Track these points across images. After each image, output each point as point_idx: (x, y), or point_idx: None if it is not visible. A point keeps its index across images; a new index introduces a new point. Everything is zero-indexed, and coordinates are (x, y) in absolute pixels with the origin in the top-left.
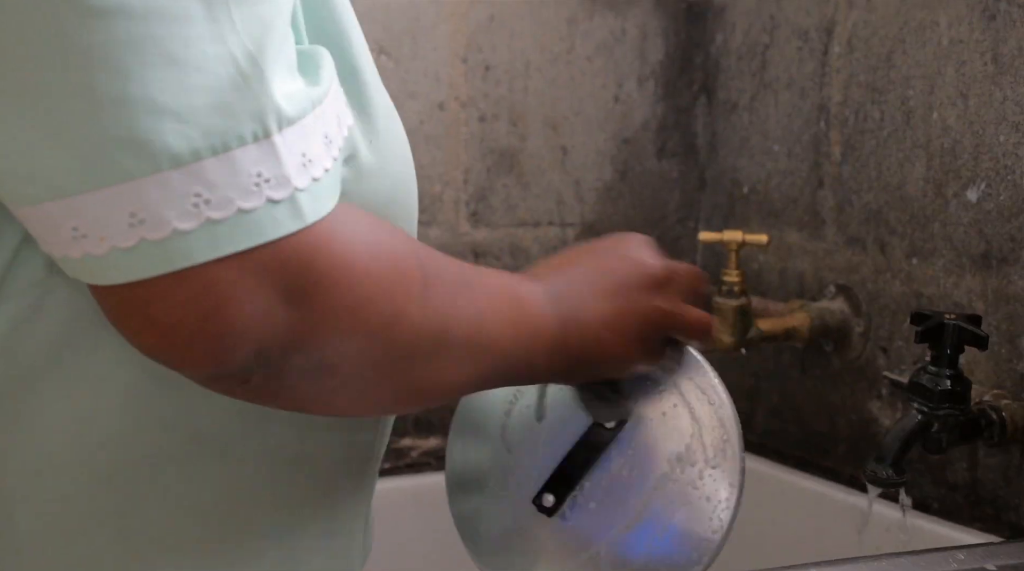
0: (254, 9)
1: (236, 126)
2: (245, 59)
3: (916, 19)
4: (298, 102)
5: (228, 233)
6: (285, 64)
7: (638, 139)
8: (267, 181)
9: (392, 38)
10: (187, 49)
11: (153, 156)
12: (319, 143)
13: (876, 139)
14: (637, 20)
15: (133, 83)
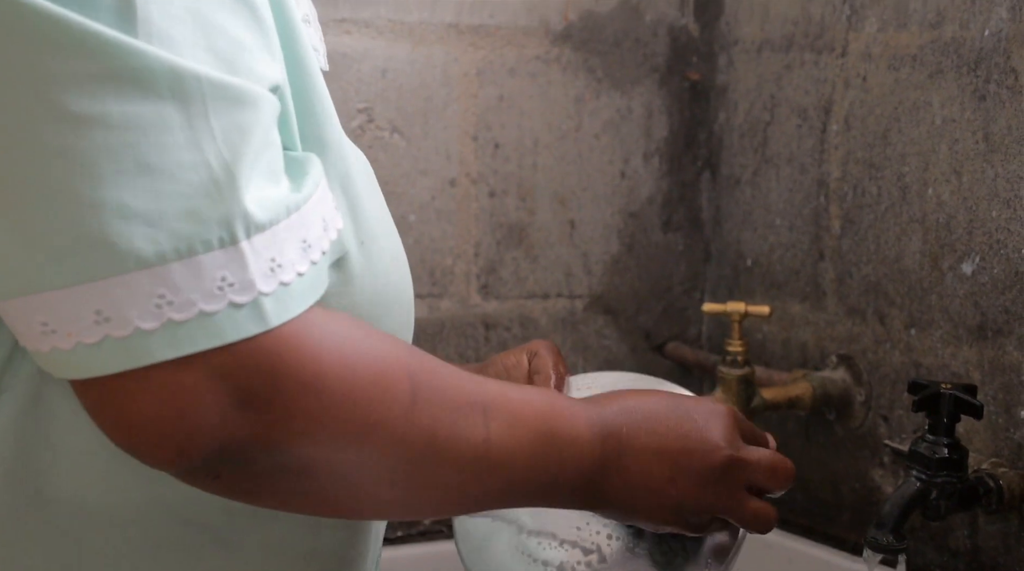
0: (233, 117)
1: (204, 232)
2: (219, 166)
3: (910, 99)
4: (271, 209)
5: (189, 334)
6: (265, 170)
7: (644, 213)
8: (231, 285)
9: (405, 118)
10: (162, 156)
11: (120, 257)
12: (294, 248)
13: (874, 213)
14: (642, 99)
15: (106, 187)
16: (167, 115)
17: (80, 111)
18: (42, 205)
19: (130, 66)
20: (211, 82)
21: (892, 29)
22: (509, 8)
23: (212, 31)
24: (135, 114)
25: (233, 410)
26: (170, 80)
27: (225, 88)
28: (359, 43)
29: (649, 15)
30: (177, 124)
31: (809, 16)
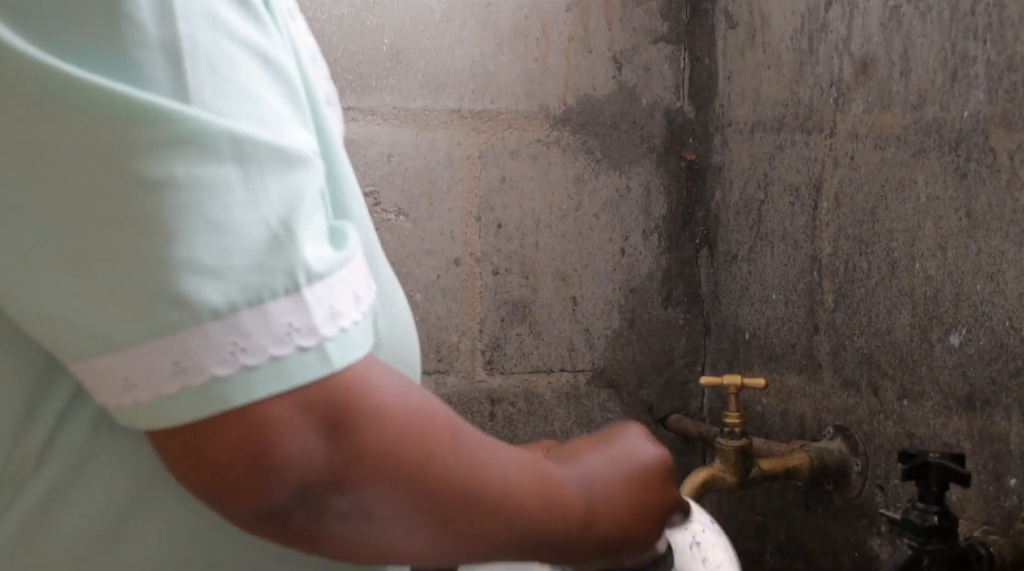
0: (285, 180)
1: (269, 281)
2: (277, 222)
3: (896, 177)
4: (326, 261)
5: (262, 378)
6: (315, 231)
7: (644, 289)
8: (297, 330)
9: (410, 201)
10: (226, 214)
11: (194, 310)
12: (347, 298)
13: (865, 288)
14: (641, 179)
15: (179, 246)
16: (228, 176)
17: (148, 176)
18: (119, 267)
19: (192, 131)
20: (266, 145)
21: (877, 111)
22: (510, 93)
23: (258, 105)
24: (199, 175)
25: (313, 444)
26: (230, 143)
27: (279, 151)
28: (365, 130)
29: (645, 98)
30: (238, 184)
31: (798, 99)
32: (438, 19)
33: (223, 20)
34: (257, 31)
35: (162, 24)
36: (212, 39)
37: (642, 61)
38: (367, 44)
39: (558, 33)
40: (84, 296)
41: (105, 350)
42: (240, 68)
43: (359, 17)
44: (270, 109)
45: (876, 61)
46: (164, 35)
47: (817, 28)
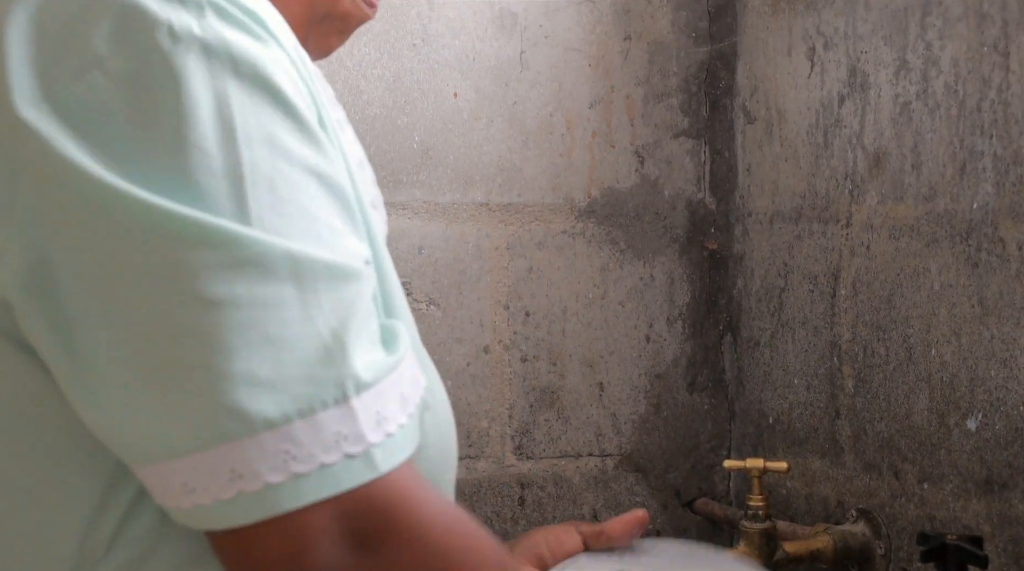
0: (339, 293)
1: (320, 392)
2: (330, 335)
3: (910, 266)
4: (375, 369)
5: (311, 484)
6: (367, 337)
7: (670, 375)
8: (345, 438)
9: (440, 291)
10: (282, 329)
11: (251, 421)
12: (395, 402)
13: (883, 373)
14: (664, 268)
15: (237, 360)
16: (285, 293)
17: (211, 295)
18: (182, 379)
19: (253, 253)
20: (321, 262)
21: (891, 202)
22: (536, 187)
23: (314, 221)
24: (259, 294)
25: (348, 550)
26: (287, 263)
27: (332, 267)
28: (397, 223)
29: (668, 190)
30: (294, 301)
31: (815, 190)
32: (466, 118)
33: (281, 143)
34: (313, 150)
35: (226, 151)
36: (271, 163)
37: (664, 155)
38: (398, 142)
39: (582, 129)
40: (148, 406)
41: (167, 456)
42: (297, 188)
43: (391, 117)
44: (325, 225)
45: (888, 155)
46: (227, 161)
47: (831, 123)
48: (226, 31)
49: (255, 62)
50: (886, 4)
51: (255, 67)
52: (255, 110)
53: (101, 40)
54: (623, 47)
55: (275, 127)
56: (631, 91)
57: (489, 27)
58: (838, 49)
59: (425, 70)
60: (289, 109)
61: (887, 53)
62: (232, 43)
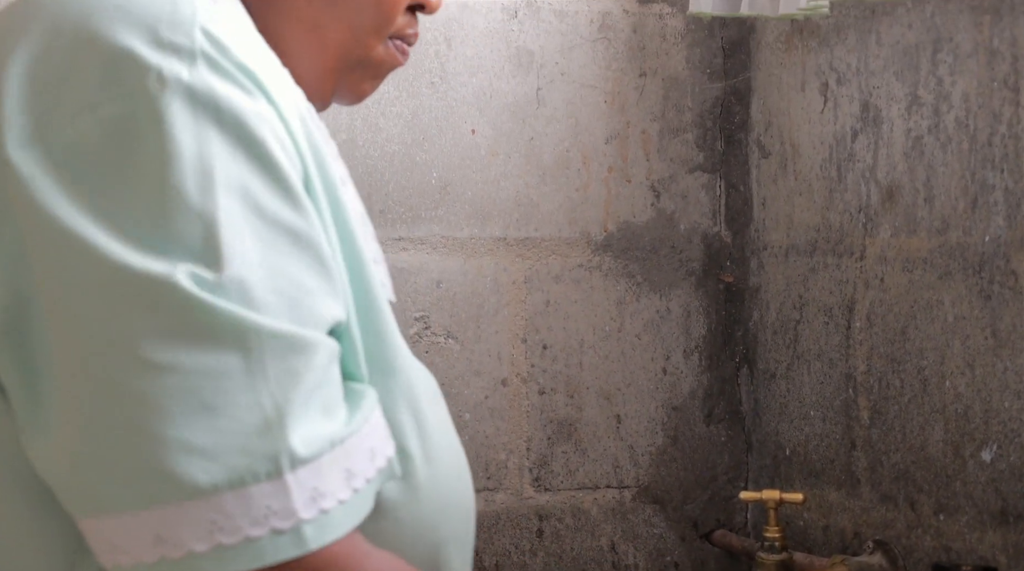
0: (288, 364)
1: (253, 465)
2: (271, 407)
3: (924, 298)
4: (315, 444)
5: (235, 556)
6: (318, 406)
7: (687, 407)
8: (275, 513)
9: (459, 324)
10: (223, 398)
11: (180, 487)
12: (337, 477)
13: (899, 405)
14: (680, 301)
15: (173, 426)
16: (230, 363)
17: (157, 360)
18: (115, 438)
19: (201, 322)
20: (270, 333)
21: (904, 235)
22: (552, 221)
23: (280, 276)
24: (202, 363)
25: None
26: (234, 333)
27: (281, 337)
28: (415, 258)
29: (683, 224)
30: (237, 371)
31: (829, 224)
32: (484, 154)
33: (255, 198)
34: (289, 207)
35: (203, 195)
36: (244, 215)
37: (679, 189)
38: (417, 178)
39: (598, 164)
40: (85, 459)
41: (97, 512)
42: (268, 244)
43: (409, 154)
44: (292, 281)
45: (901, 188)
46: (204, 206)
47: (845, 157)
48: (215, 81)
49: (239, 114)
50: (897, 40)
51: (239, 119)
52: (234, 160)
53: (94, 85)
54: (638, 83)
55: (252, 180)
56: (647, 126)
57: (506, 65)
58: (851, 85)
59: (443, 107)
60: (269, 164)
61: (899, 89)
62: (219, 93)
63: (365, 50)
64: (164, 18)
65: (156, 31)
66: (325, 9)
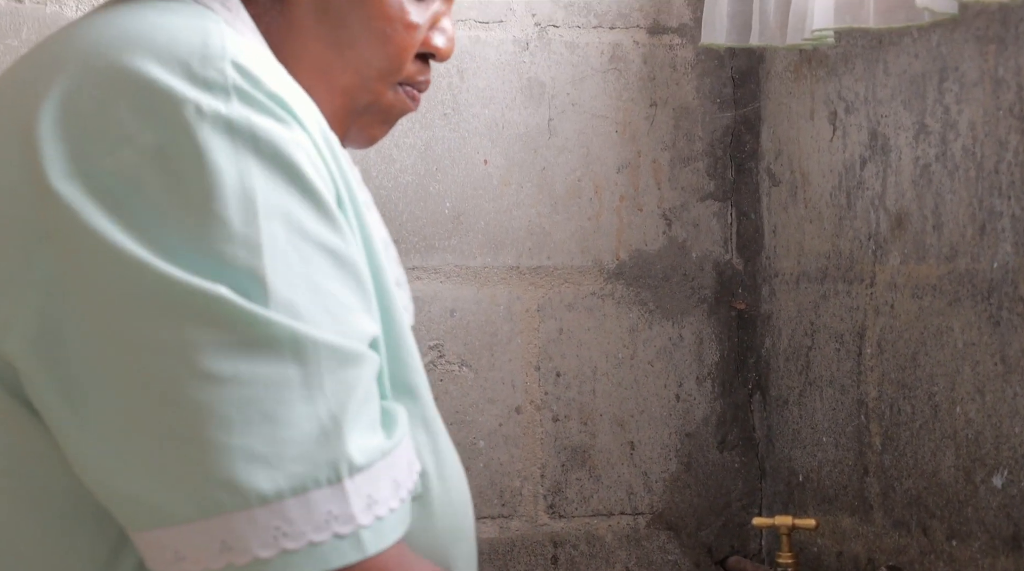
0: (341, 376)
1: (314, 472)
2: (328, 417)
3: (934, 325)
4: (369, 453)
5: (299, 561)
6: (366, 420)
7: (700, 433)
8: (336, 518)
9: (472, 352)
10: (282, 408)
11: (245, 495)
12: (387, 487)
13: (910, 430)
14: (693, 328)
15: (235, 435)
16: (288, 374)
17: (217, 372)
18: (180, 450)
19: (260, 334)
20: (325, 345)
21: (913, 262)
22: (565, 250)
23: (325, 296)
24: (262, 374)
25: None
26: (292, 345)
27: (335, 350)
28: (429, 287)
29: (695, 252)
30: (296, 381)
31: (839, 251)
32: (496, 184)
33: (298, 221)
34: (328, 229)
35: (247, 223)
36: (287, 238)
37: (691, 217)
38: (430, 208)
39: (610, 193)
40: (145, 474)
41: (160, 524)
42: (312, 264)
43: (423, 184)
44: (336, 300)
45: (910, 216)
46: (248, 233)
47: (854, 185)
48: (250, 113)
49: (276, 143)
50: (904, 70)
51: (276, 147)
52: (274, 188)
53: (129, 118)
54: (649, 113)
55: (292, 205)
56: (658, 156)
57: (518, 96)
58: (859, 113)
59: (456, 138)
60: (307, 189)
61: (906, 117)
62: (255, 124)
63: (374, 96)
64: (196, 53)
65: (189, 66)
66: (334, 55)
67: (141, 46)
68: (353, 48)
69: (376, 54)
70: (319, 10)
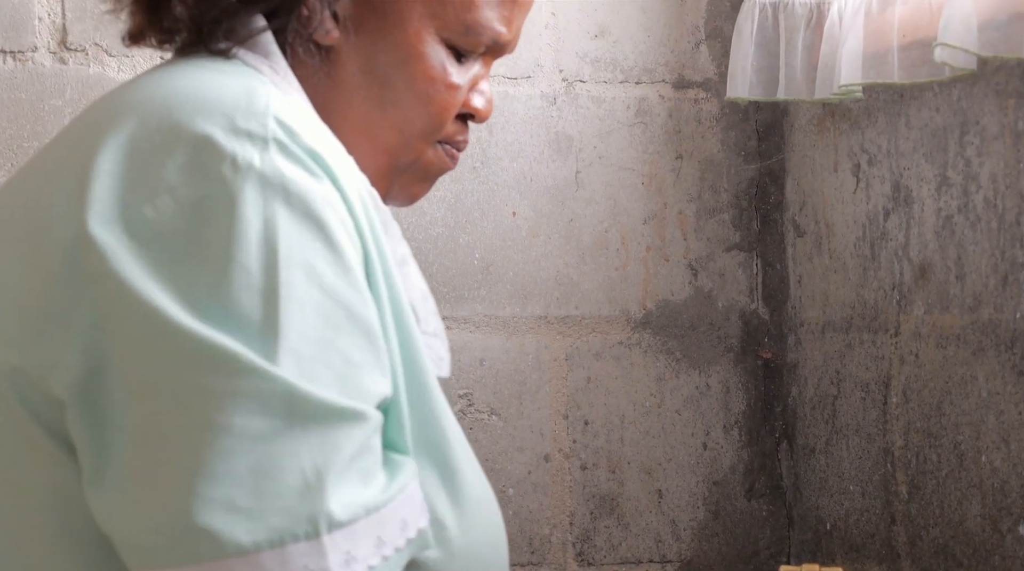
0: (332, 432)
1: (293, 526)
2: (313, 472)
3: (958, 374)
4: (352, 509)
5: None
6: (355, 477)
7: (727, 482)
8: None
9: (501, 401)
10: (268, 462)
11: (223, 546)
12: (368, 544)
13: (936, 479)
14: (720, 377)
15: (219, 486)
16: (277, 428)
17: (210, 420)
18: (168, 496)
19: (256, 387)
20: (319, 403)
21: (937, 312)
22: (592, 300)
23: (333, 351)
24: (253, 427)
25: None
26: (286, 400)
27: (328, 408)
28: (459, 337)
29: (721, 302)
30: (283, 436)
31: (864, 301)
32: (524, 235)
33: (318, 273)
34: (347, 285)
35: (266, 270)
36: (305, 288)
37: (717, 268)
38: (460, 259)
39: (636, 244)
40: (139, 516)
41: (148, 567)
42: (325, 317)
43: (452, 236)
44: (344, 357)
45: (933, 266)
46: (266, 279)
47: (878, 236)
48: (284, 164)
49: (306, 195)
50: (926, 123)
51: (305, 199)
52: (299, 238)
53: (175, 170)
54: (675, 166)
55: (314, 257)
56: (683, 207)
57: (546, 150)
58: (882, 166)
59: (485, 191)
60: (331, 242)
61: (928, 170)
62: (287, 175)
63: (415, 154)
64: (241, 108)
65: (233, 120)
66: (378, 114)
67: (192, 103)
68: (397, 107)
69: (419, 113)
70: (364, 71)
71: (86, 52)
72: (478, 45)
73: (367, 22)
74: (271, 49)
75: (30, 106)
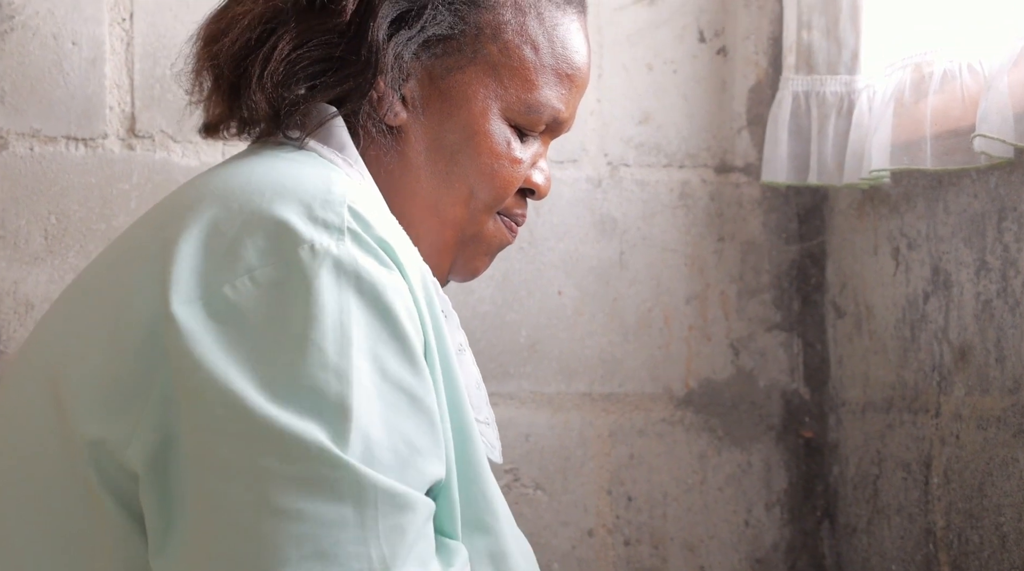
0: (396, 519)
1: None
2: (378, 559)
3: (999, 456)
4: None
5: None
6: (414, 561)
7: (770, 559)
8: None
9: (546, 476)
10: (335, 548)
11: None
12: None
13: (979, 560)
14: (761, 455)
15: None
16: (346, 515)
17: (280, 505)
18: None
19: (325, 474)
20: (384, 490)
21: (977, 394)
22: (636, 378)
23: (397, 436)
24: (322, 513)
25: None
26: (354, 489)
27: (394, 496)
28: (505, 412)
29: (763, 381)
30: (352, 523)
31: (904, 381)
32: (570, 313)
33: (382, 361)
34: (410, 372)
35: (340, 353)
36: (371, 375)
37: (758, 347)
38: (506, 337)
39: (679, 323)
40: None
41: None
42: (389, 404)
43: (500, 314)
44: (405, 442)
45: (973, 349)
46: (340, 362)
47: (917, 318)
48: (358, 254)
49: (376, 284)
50: (964, 209)
51: (375, 288)
52: (368, 325)
53: (255, 252)
54: (717, 247)
55: (380, 344)
56: (725, 288)
57: (591, 231)
58: (921, 250)
59: (532, 270)
60: (397, 331)
61: (967, 254)
62: (361, 265)
63: (478, 226)
64: (319, 197)
65: (311, 208)
66: (445, 189)
67: (271, 190)
68: (464, 181)
69: (483, 187)
70: (432, 149)
71: (153, 138)
72: (539, 123)
73: (433, 103)
74: (344, 139)
75: (99, 190)
